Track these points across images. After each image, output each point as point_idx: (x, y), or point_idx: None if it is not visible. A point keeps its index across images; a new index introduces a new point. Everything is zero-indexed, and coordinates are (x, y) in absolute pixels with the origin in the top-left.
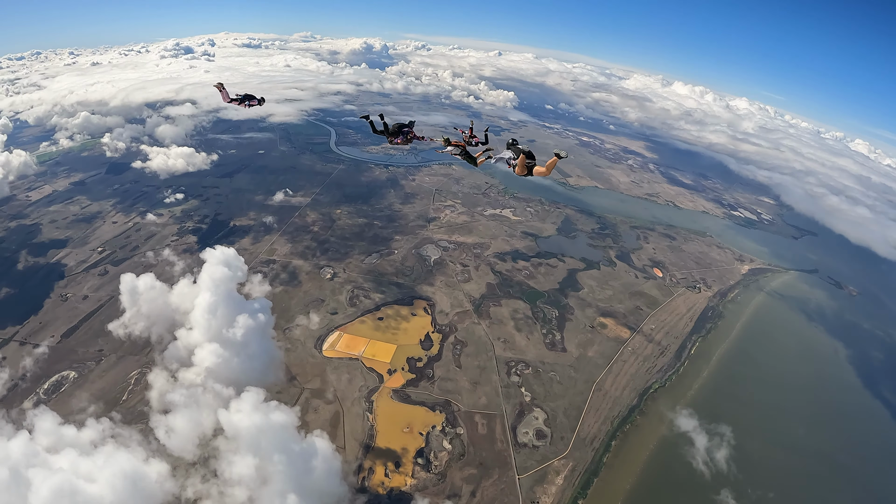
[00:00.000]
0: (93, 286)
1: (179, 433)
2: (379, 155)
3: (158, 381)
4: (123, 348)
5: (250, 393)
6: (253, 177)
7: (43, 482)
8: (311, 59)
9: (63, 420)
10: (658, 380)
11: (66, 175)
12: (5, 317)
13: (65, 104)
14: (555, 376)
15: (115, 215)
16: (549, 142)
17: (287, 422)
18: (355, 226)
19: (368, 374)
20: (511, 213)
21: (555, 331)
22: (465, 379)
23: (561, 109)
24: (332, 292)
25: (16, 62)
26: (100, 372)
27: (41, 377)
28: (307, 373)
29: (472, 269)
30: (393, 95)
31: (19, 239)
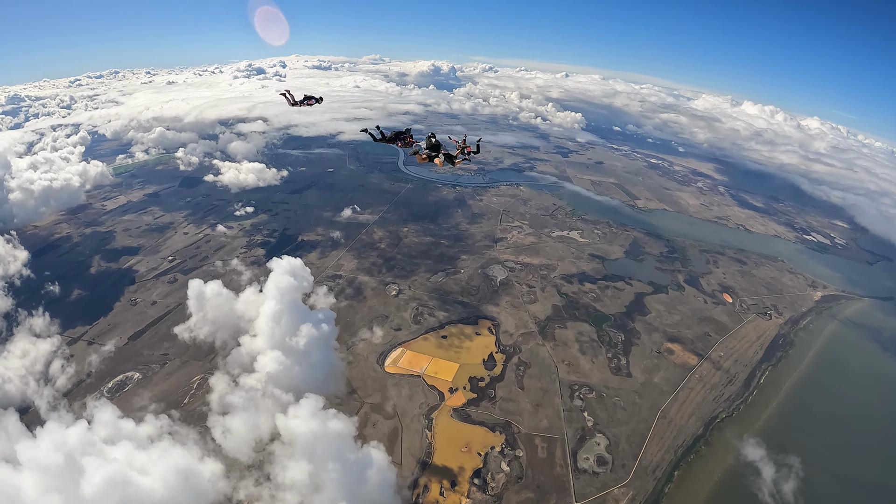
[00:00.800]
0: (162, 293)
1: (236, 434)
2: (447, 175)
3: (220, 385)
4: (188, 353)
5: (309, 400)
6: (322, 194)
7: (96, 470)
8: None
9: (122, 414)
10: (725, 409)
11: (141, 187)
12: (76, 317)
13: (141, 119)
14: (619, 402)
15: (187, 226)
16: (618, 164)
17: (344, 430)
18: (422, 244)
19: (429, 392)
20: (578, 235)
21: (620, 355)
22: (527, 401)
23: (629, 131)
24: (397, 309)
25: (95, 80)
26: (163, 374)
27: (106, 376)
28: (368, 387)
29: (538, 291)
30: (461, 116)
31: (93, 245)
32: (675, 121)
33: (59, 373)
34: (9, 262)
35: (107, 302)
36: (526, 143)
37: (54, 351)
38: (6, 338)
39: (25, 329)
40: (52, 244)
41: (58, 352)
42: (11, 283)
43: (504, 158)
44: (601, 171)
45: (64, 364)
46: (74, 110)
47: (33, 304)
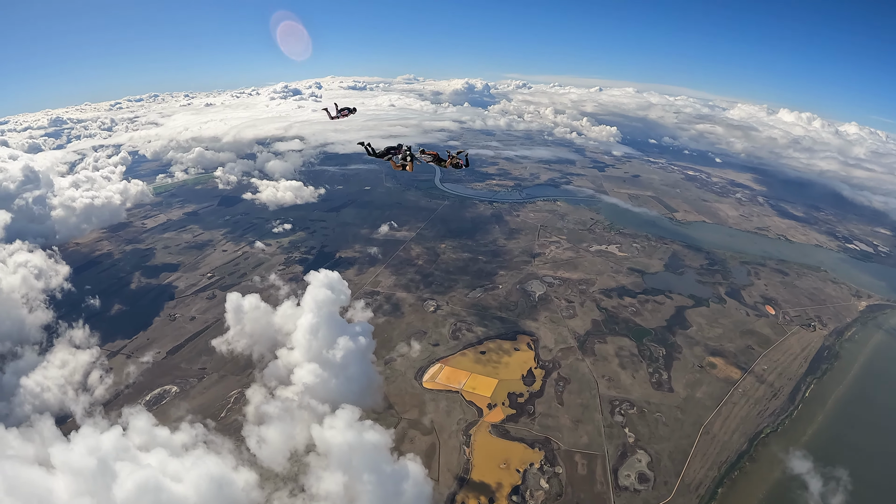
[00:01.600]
0: (200, 308)
1: (271, 444)
2: (483, 191)
3: (256, 397)
4: (225, 367)
5: (345, 410)
6: (359, 211)
7: (129, 475)
8: (415, 99)
9: (157, 422)
10: (770, 424)
11: (181, 205)
12: (116, 331)
13: (180, 140)
14: (660, 417)
15: (226, 244)
16: (655, 177)
17: (380, 442)
18: (459, 260)
19: (468, 408)
20: (617, 249)
21: (661, 370)
22: (566, 417)
23: (665, 143)
24: (435, 325)
25: (135, 103)
26: (201, 388)
27: (144, 389)
28: (406, 403)
29: (577, 306)
30: (497, 133)
31: (134, 261)
32: (711, 131)
33: (97, 383)
34: (51, 277)
35: (146, 317)
36: (562, 158)
37: (93, 362)
38: (46, 348)
39: (65, 341)
40: (93, 260)
41: (96, 363)
42: (53, 296)
43: (540, 174)
44: (638, 184)
45: (102, 375)
46: (115, 132)
47: (74, 316)
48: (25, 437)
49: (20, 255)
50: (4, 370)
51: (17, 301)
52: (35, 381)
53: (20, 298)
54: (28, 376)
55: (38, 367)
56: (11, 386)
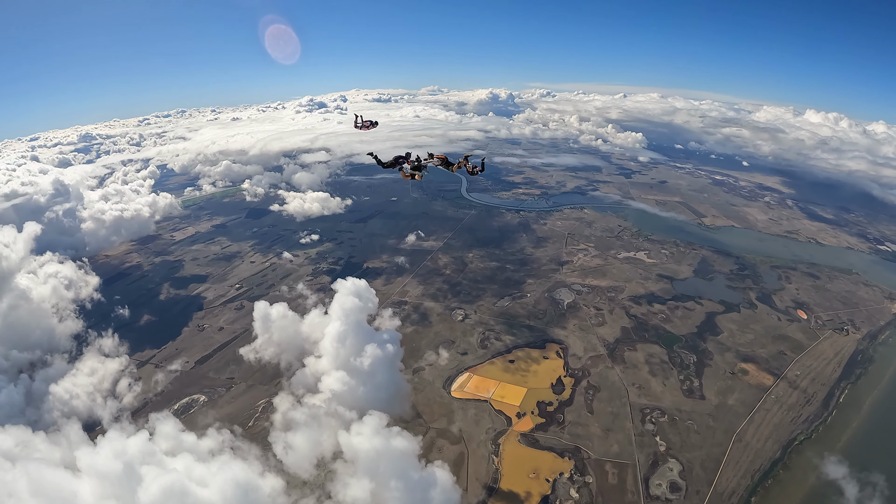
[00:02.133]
0: (228, 319)
1: (298, 451)
2: (510, 200)
3: (283, 405)
4: (253, 377)
5: (373, 417)
6: (386, 222)
7: (154, 479)
8: (440, 110)
9: (183, 428)
10: (804, 430)
11: (209, 218)
12: (145, 341)
13: (207, 153)
14: (692, 425)
15: (254, 255)
16: (682, 182)
17: (408, 448)
18: (487, 269)
19: (496, 417)
20: (645, 256)
21: (692, 377)
22: (596, 425)
23: (691, 148)
24: (463, 334)
25: (163, 119)
26: (229, 398)
27: (173, 398)
28: (434, 412)
29: (606, 313)
30: (522, 142)
31: (163, 273)
32: (737, 135)
33: (125, 391)
34: (80, 287)
35: (175, 327)
36: (588, 166)
37: (122, 370)
38: (75, 357)
39: (95, 349)
40: (122, 272)
41: (125, 371)
42: (83, 306)
43: (567, 182)
44: (665, 190)
45: (131, 383)
46: (144, 147)
47: (103, 326)
48: (52, 441)
49: (50, 266)
50: (34, 378)
51: (47, 311)
52: (64, 389)
53: (50, 308)
54: (57, 383)
55: (67, 374)
56: (41, 393)
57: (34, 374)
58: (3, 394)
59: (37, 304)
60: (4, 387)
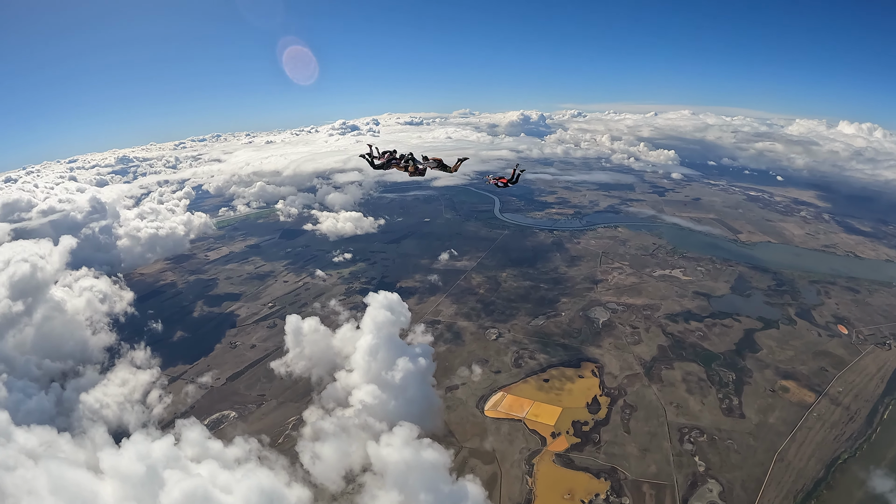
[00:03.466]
0: (261, 337)
1: (326, 461)
2: (543, 220)
3: (313, 418)
4: (284, 395)
5: (403, 428)
6: (419, 242)
7: (176, 483)
8: (471, 132)
9: (210, 435)
10: (847, 449)
11: (243, 238)
12: (177, 356)
13: (242, 174)
14: (732, 444)
15: (287, 275)
16: (716, 199)
17: (438, 461)
18: (521, 288)
19: (531, 437)
20: (681, 273)
21: (732, 395)
22: (633, 445)
23: (724, 164)
24: (497, 353)
25: (198, 143)
26: (259, 414)
27: (203, 413)
28: (467, 431)
29: (642, 331)
30: (554, 162)
31: (197, 291)
32: (770, 149)
33: (156, 402)
34: (115, 301)
35: (208, 344)
36: (621, 184)
37: (153, 382)
38: (107, 368)
39: (127, 361)
40: (157, 290)
41: (156, 383)
42: (116, 319)
43: (599, 201)
44: (699, 207)
45: (162, 395)
46: (179, 169)
47: (136, 339)
48: (77, 443)
49: (85, 281)
50: (65, 387)
51: (81, 323)
52: (94, 398)
53: (84, 320)
54: (87, 392)
55: (98, 384)
56: (71, 402)
57: (65, 384)
58: (34, 401)
59: (71, 315)
60: (35, 394)
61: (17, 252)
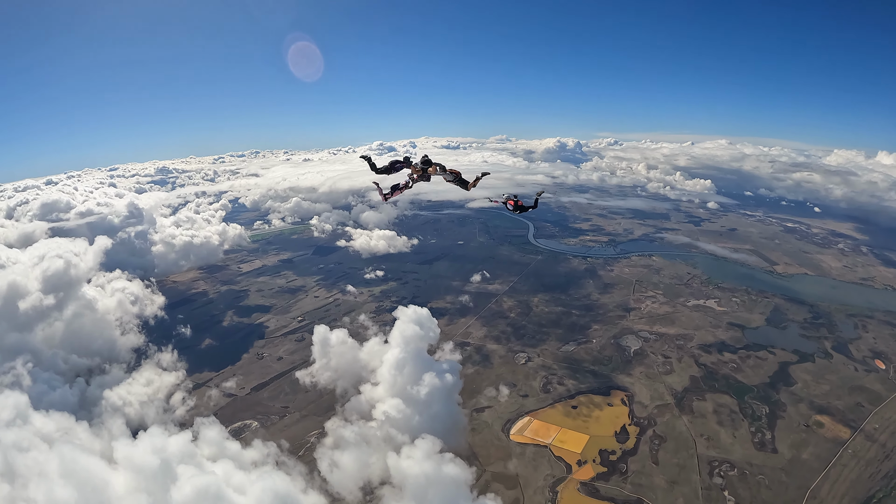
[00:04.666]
0: (288, 349)
1: (344, 470)
2: (577, 247)
3: (334, 427)
4: (308, 408)
5: (425, 441)
6: (452, 264)
7: (189, 478)
8: (507, 156)
9: (228, 436)
10: (882, 487)
11: (276, 253)
12: (204, 363)
13: (278, 189)
14: (763, 480)
15: (318, 290)
16: (752, 230)
17: (459, 477)
18: (552, 313)
19: (556, 463)
20: (716, 304)
21: (764, 429)
22: (661, 477)
23: (761, 194)
24: (525, 377)
25: (237, 158)
26: (282, 426)
27: (226, 421)
28: (491, 455)
29: (674, 361)
30: (589, 188)
31: (227, 301)
32: (808, 180)
33: (179, 404)
34: (146, 305)
35: (235, 353)
36: (656, 213)
37: (177, 384)
38: (133, 368)
39: (153, 363)
40: (188, 297)
41: (181, 385)
42: (146, 322)
43: (634, 229)
44: (735, 238)
45: (185, 397)
46: (217, 182)
47: (164, 342)
48: (95, 433)
49: (118, 283)
50: (90, 383)
51: (111, 322)
52: (118, 395)
53: (114, 320)
54: (111, 389)
55: (123, 382)
56: (95, 397)
57: (91, 380)
58: (58, 393)
59: (101, 314)
60: (60, 387)
61: (52, 248)
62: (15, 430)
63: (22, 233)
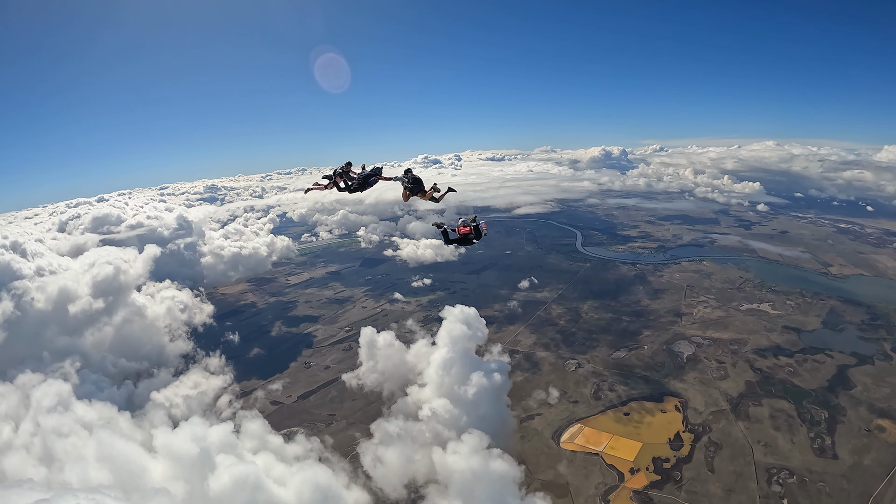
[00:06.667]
0: (335, 359)
1: (388, 466)
2: (625, 253)
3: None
4: (355, 416)
5: (472, 436)
6: (500, 274)
7: (228, 467)
8: (552, 166)
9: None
10: None
11: (324, 265)
12: (251, 371)
13: (325, 202)
14: (823, 487)
15: (366, 301)
16: (804, 232)
17: (508, 473)
18: (602, 320)
19: (608, 471)
20: (770, 307)
21: (824, 434)
22: (717, 485)
23: (811, 195)
24: (576, 384)
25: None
26: (328, 433)
27: (272, 428)
28: (540, 463)
29: (728, 366)
30: (636, 195)
31: (276, 311)
32: (859, 178)
33: (225, 407)
34: (194, 313)
35: (283, 362)
36: (705, 218)
37: (224, 387)
38: (181, 372)
39: (201, 367)
40: (237, 308)
41: (227, 389)
42: (195, 329)
43: (683, 235)
44: (787, 240)
45: (232, 400)
46: (265, 198)
47: (212, 349)
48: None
49: (168, 291)
50: (138, 385)
51: (160, 329)
52: (164, 396)
53: (163, 327)
54: (159, 391)
55: (170, 385)
56: (142, 398)
57: (138, 383)
58: (105, 394)
59: (150, 321)
60: (107, 388)
61: (102, 256)
62: (56, 416)
63: (74, 244)
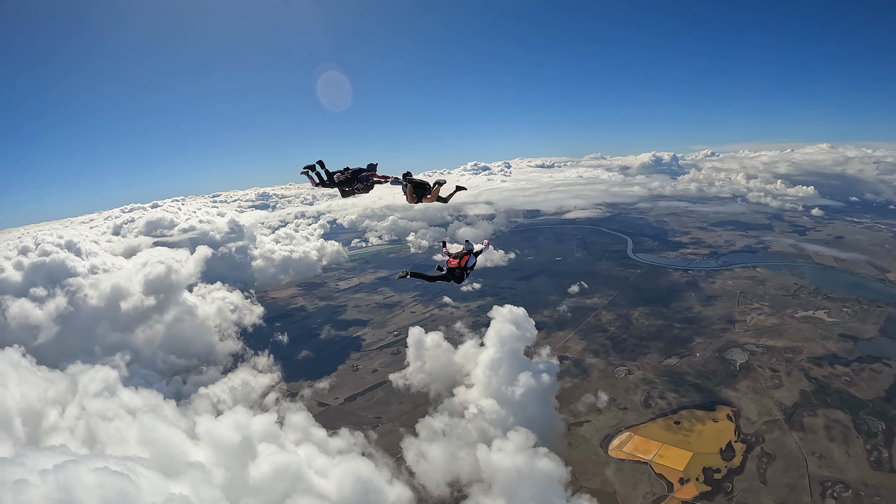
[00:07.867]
0: (383, 363)
1: (432, 462)
2: (677, 260)
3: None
4: (402, 419)
5: (518, 433)
6: (549, 280)
7: (269, 456)
8: (602, 171)
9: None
10: None
11: (374, 271)
12: (299, 373)
13: (375, 208)
14: (880, 502)
15: (415, 306)
16: (860, 237)
17: (554, 473)
18: (653, 327)
19: (657, 481)
20: (825, 315)
21: (881, 446)
22: (769, 497)
23: (867, 199)
24: (625, 391)
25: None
26: (374, 435)
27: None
28: (588, 471)
29: (782, 375)
30: (686, 200)
31: (325, 315)
32: None
33: (272, 404)
34: (244, 314)
35: (331, 364)
36: (758, 224)
37: (272, 385)
38: (229, 370)
39: (249, 366)
40: (287, 312)
41: (275, 387)
42: (244, 330)
43: (735, 241)
44: (842, 245)
45: (279, 398)
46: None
47: (261, 349)
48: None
49: (218, 293)
50: (186, 381)
51: (210, 328)
52: (212, 392)
53: (213, 326)
54: (207, 387)
55: (219, 381)
56: (189, 394)
57: (187, 379)
58: (154, 388)
59: (201, 320)
60: (156, 383)
61: (154, 255)
62: (101, 401)
63: (127, 246)
